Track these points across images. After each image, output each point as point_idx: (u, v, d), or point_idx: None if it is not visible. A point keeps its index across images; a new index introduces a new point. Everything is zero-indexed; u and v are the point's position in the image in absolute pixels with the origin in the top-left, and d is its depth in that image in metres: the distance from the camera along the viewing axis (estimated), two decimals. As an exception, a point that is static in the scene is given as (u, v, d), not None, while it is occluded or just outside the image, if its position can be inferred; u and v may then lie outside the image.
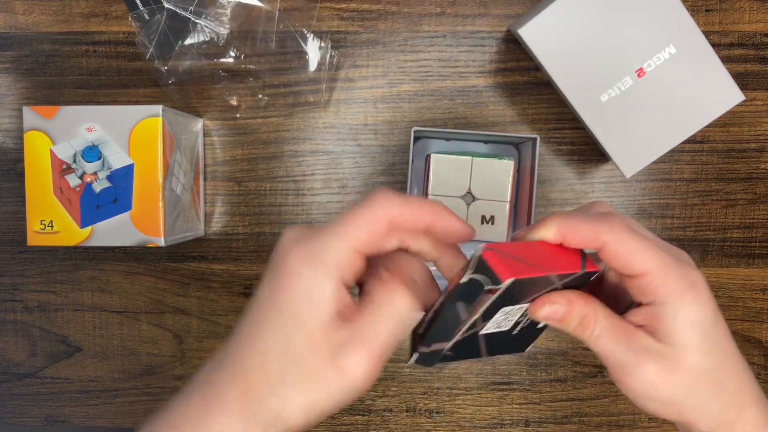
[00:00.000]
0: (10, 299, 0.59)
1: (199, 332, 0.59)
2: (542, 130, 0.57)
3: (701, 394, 0.30)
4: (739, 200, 0.57)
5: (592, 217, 0.29)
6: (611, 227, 0.29)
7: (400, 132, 0.57)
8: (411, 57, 0.57)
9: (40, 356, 0.60)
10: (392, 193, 0.29)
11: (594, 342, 0.30)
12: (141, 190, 0.49)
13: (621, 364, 0.30)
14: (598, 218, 0.29)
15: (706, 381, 0.30)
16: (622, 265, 0.29)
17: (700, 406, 0.30)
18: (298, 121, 0.58)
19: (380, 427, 0.60)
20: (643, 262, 0.29)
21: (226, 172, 0.58)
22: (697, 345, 0.29)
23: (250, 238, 0.59)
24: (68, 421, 0.61)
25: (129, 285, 0.59)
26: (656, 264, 0.29)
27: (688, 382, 0.29)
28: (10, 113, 0.58)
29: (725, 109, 0.50)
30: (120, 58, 0.57)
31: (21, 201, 0.58)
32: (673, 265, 0.29)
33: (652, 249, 0.29)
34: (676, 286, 0.29)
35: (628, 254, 0.29)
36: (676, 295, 0.29)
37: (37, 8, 0.57)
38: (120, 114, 0.49)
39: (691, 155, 0.57)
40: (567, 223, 0.29)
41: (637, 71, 0.49)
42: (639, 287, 0.29)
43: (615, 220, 0.29)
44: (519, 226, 0.54)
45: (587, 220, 0.29)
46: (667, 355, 0.29)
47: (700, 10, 0.55)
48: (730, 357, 0.31)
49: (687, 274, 0.29)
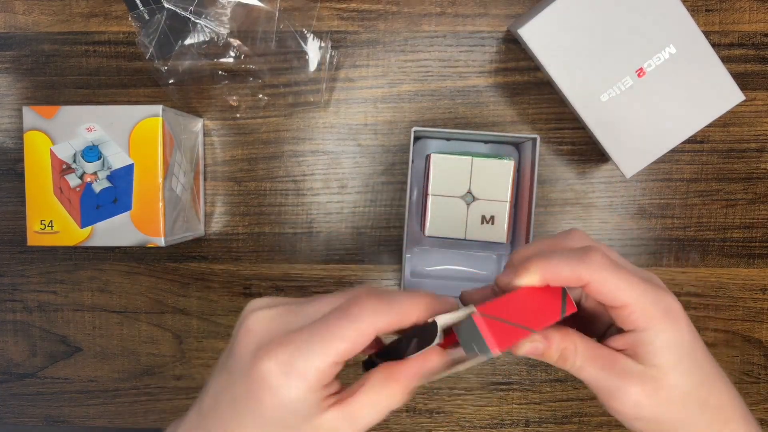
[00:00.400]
0: (10, 299, 0.59)
1: (199, 332, 0.59)
2: (542, 130, 0.57)
3: (685, 412, 0.31)
4: (739, 200, 0.57)
5: (571, 257, 0.30)
6: (590, 266, 0.30)
7: (400, 132, 0.57)
8: (411, 57, 0.57)
9: (40, 356, 0.60)
10: (377, 298, 0.28)
11: (577, 372, 0.32)
12: (141, 190, 0.49)
13: (606, 388, 0.31)
14: (578, 257, 0.30)
15: (688, 399, 0.31)
16: (605, 299, 0.30)
17: (685, 424, 0.31)
18: (298, 121, 0.58)
19: (380, 427, 0.60)
20: (623, 296, 0.30)
21: (226, 172, 0.58)
22: (676, 365, 0.31)
23: (250, 238, 0.59)
24: (68, 422, 0.61)
25: (129, 285, 0.59)
26: (635, 296, 0.30)
27: (671, 401, 0.31)
28: (10, 113, 0.58)
29: (725, 109, 0.50)
30: (120, 58, 0.57)
31: (21, 201, 0.58)
32: (651, 294, 0.30)
33: (630, 282, 0.30)
34: (653, 314, 0.30)
35: (609, 291, 0.30)
36: (654, 321, 0.30)
37: (37, 8, 0.57)
38: (120, 114, 0.49)
39: (691, 155, 0.57)
40: (548, 268, 0.30)
41: (637, 71, 0.49)
42: (620, 317, 0.31)
43: (594, 258, 0.30)
44: (519, 227, 0.54)
45: (566, 261, 0.30)
46: (648, 377, 0.31)
47: (700, 10, 0.55)
48: (710, 375, 0.32)
49: (662, 300, 0.31)
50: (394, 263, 0.58)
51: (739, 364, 0.59)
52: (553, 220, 0.58)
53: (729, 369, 0.58)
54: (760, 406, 0.59)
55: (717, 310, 0.58)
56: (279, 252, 0.59)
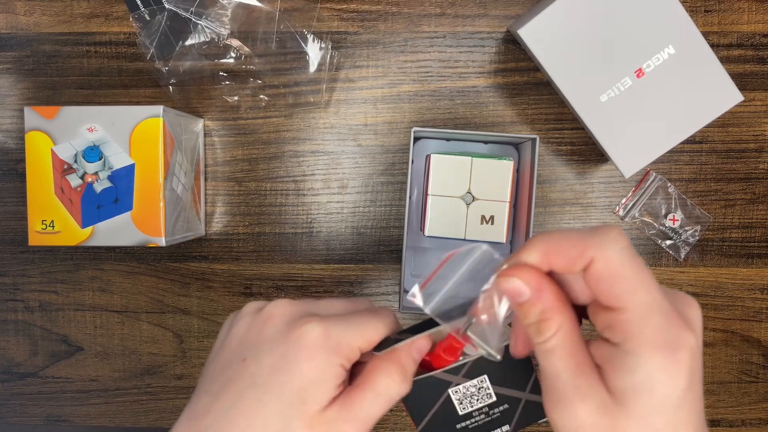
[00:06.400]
0: (12, 299, 0.60)
1: (199, 332, 0.60)
2: (542, 130, 0.57)
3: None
4: (737, 200, 0.57)
5: (581, 231, 0.24)
6: (602, 242, 0.23)
7: (400, 132, 0.57)
8: (411, 57, 0.57)
9: (41, 356, 0.60)
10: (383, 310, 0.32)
11: (542, 354, 0.25)
12: (142, 191, 0.49)
13: (560, 391, 0.25)
14: (590, 231, 0.24)
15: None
16: (603, 291, 0.24)
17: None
18: (299, 122, 0.58)
19: (380, 426, 0.60)
20: (627, 293, 0.23)
21: (227, 172, 0.58)
22: (645, 415, 0.23)
23: (250, 238, 0.59)
24: (69, 421, 0.61)
25: (130, 285, 0.59)
26: (641, 302, 0.23)
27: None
28: (11, 113, 0.58)
29: (724, 109, 0.50)
30: (121, 59, 0.57)
31: (22, 201, 0.58)
32: (662, 312, 0.23)
33: (643, 282, 0.23)
34: (651, 339, 0.23)
35: (613, 278, 0.23)
36: (646, 350, 0.23)
37: (38, 9, 0.57)
38: (121, 114, 0.49)
39: (690, 155, 0.57)
40: (551, 241, 0.25)
41: (636, 72, 0.49)
42: (610, 322, 0.24)
43: (609, 233, 0.24)
44: (518, 227, 0.54)
45: (575, 233, 0.24)
46: (610, 411, 0.24)
47: (699, 10, 0.55)
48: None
49: (673, 331, 0.23)
50: (394, 263, 0.58)
51: (738, 363, 0.59)
52: (552, 220, 0.58)
53: (727, 368, 0.59)
54: (758, 405, 0.59)
55: (716, 309, 0.58)
56: (279, 252, 0.59)
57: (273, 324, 0.30)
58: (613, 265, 0.23)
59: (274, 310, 0.30)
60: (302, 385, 0.28)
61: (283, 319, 0.30)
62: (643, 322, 0.23)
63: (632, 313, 0.23)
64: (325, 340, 0.28)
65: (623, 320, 0.23)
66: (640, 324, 0.23)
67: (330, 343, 0.28)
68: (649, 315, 0.23)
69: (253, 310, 0.31)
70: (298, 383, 0.28)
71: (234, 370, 0.29)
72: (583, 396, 0.24)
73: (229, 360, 0.30)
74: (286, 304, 0.30)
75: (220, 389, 0.29)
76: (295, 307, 0.30)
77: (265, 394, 0.28)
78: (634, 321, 0.23)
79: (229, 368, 0.29)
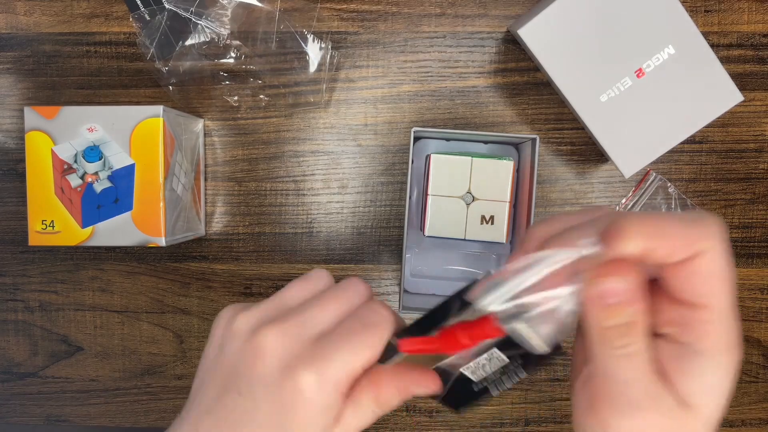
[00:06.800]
0: (12, 299, 0.60)
1: (199, 332, 0.60)
2: (542, 130, 0.57)
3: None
4: (737, 200, 0.57)
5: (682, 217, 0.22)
6: (711, 234, 0.21)
7: (400, 132, 0.58)
8: (411, 57, 0.57)
9: (41, 356, 0.60)
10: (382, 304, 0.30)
11: (617, 358, 0.23)
12: (142, 191, 0.49)
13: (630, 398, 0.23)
14: (692, 219, 0.22)
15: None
16: (693, 286, 0.22)
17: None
18: (299, 122, 0.58)
19: (380, 426, 0.60)
20: (718, 293, 0.22)
21: (227, 172, 0.58)
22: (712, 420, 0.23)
23: (250, 238, 0.59)
24: (69, 421, 0.61)
25: (130, 285, 0.59)
26: (726, 303, 0.22)
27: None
28: (11, 113, 0.58)
29: (724, 109, 0.50)
30: (121, 59, 0.57)
31: (22, 201, 0.58)
32: (734, 316, 0.22)
33: (731, 282, 0.22)
34: (725, 341, 0.22)
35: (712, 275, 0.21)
36: (719, 351, 0.22)
37: (38, 9, 0.57)
38: (121, 114, 0.49)
39: (690, 155, 0.57)
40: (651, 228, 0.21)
41: (636, 71, 0.49)
42: (682, 319, 0.23)
43: (718, 226, 0.21)
44: (518, 227, 0.54)
45: (676, 220, 0.21)
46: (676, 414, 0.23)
47: (699, 10, 0.55)
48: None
49: (736, 332, 0.23)
50: (394, 263, 0.58)
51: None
52: (552, 220, 0.58)
53: (728, 368, 0.59)
54: (758, 405, 0.59)
55: (716, 309, 0.58)
56: (279, 252, 0.59)
57: (263, 363, 0.28)
58: (720, 263, 0.21)
59: (264, 343, 0.28)
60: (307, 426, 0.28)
61: (272, 359, 0.28)
62: (723, 324, 0.22)
63: (715, 313, 0.22)
64: (323, 386, 0.27)
65: (701, 319, 0.22)
66: (719, 325, 0.22)
67: (327, 386, 0.27)
68: (728, 317, 0.22)
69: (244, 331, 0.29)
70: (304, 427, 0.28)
71: (231, 399, 0.28)
72: (656, 402, 0.23)
73: (224, 386, 0.29)
74: (276, 336, 0.28)
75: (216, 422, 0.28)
76: (285, 338, 0.28)
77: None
78: (715, 322, 0.22)
79: (226, 395, 0.28)
